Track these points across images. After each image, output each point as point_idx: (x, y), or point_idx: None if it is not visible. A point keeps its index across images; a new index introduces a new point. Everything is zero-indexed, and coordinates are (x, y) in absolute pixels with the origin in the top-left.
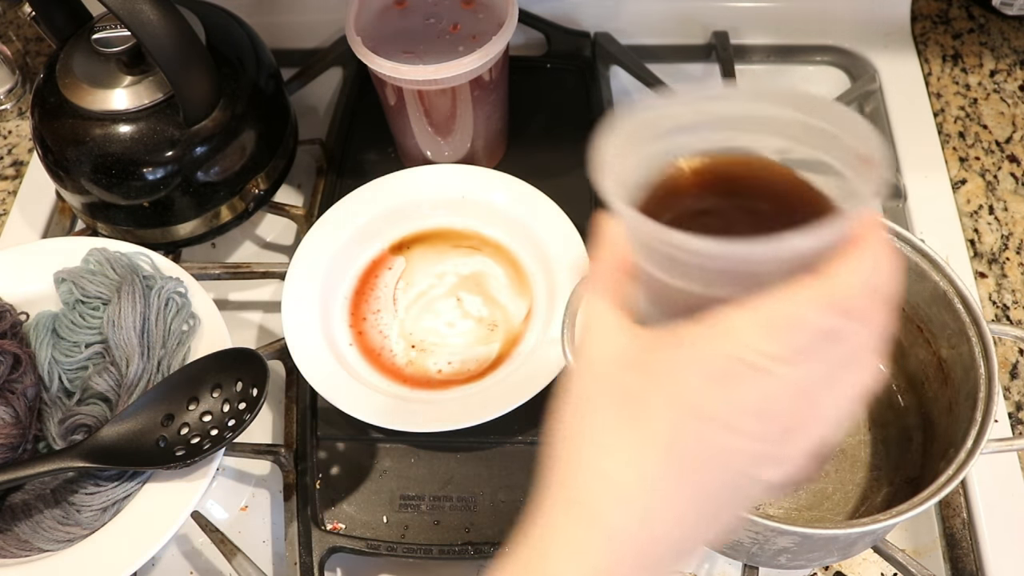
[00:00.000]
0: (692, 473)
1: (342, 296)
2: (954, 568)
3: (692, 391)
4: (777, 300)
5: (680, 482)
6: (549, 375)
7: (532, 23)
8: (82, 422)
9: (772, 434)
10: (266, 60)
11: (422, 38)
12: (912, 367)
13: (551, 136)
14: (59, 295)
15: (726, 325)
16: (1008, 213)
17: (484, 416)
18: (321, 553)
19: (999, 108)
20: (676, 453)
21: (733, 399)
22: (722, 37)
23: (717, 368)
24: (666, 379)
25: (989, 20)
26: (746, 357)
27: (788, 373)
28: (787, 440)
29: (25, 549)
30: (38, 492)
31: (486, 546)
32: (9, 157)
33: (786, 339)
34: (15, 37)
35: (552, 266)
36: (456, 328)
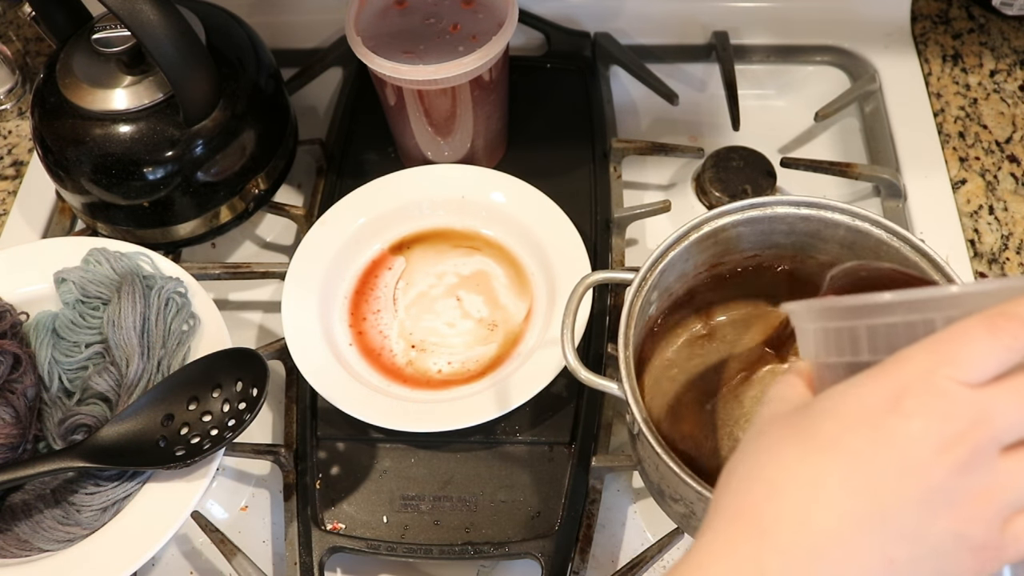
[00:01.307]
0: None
1: (342, 296)
2: None
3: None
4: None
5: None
6: (549, 375)
7: (532, 23)
8: (82, 422)
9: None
10: (266, 60)
11: (422, 38)
12: None
13: (551, 136)
14: (59, 295)
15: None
16: (1008, 213)
17: (484, 416)
18: (321, 553)
19: (999, 108)
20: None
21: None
22: (722, 37)
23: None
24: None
25: (989, 20)
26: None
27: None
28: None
29: (25, 549)
30: (38, 492)
31: (486, 546)
32: (9, 157)
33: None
34: (15, 37)
35: (552, 266)
36: (456, 328)
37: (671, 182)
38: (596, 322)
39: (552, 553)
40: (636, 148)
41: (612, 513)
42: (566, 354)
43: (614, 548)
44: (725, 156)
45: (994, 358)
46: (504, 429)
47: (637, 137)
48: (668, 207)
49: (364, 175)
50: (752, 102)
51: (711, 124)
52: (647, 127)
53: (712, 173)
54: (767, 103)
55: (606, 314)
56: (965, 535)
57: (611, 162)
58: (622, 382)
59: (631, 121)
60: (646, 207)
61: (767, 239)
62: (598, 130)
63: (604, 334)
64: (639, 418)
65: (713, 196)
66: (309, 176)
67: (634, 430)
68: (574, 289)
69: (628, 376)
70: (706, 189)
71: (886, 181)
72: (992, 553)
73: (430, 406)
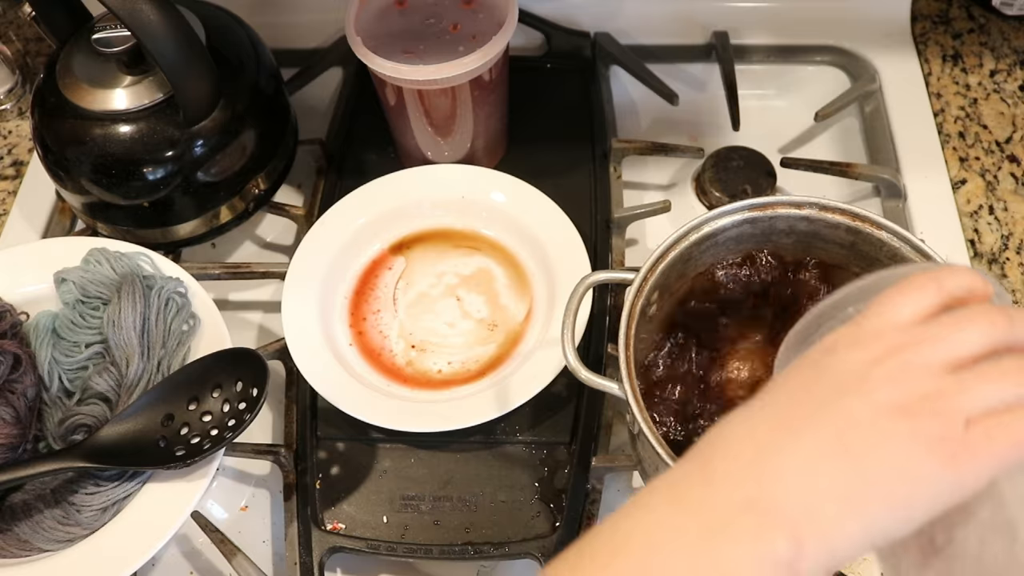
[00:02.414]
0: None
1: (342, 296)
2: None
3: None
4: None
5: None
6: (549, 375)
7: (532, 23)
8: (82, 422)
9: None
10: (266, 60)
11: (422, 38)
12: None
13: (551, 136)
14: (59, 295)
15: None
16: (1008, 213)
17: (484, 416)
18: (321, 553)
19: (999, 108)
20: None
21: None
22: (722, 37)
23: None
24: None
25: (989, 20)
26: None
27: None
28: (965, 431)
29: (25, 549)
30: (38, 492)
31: (486, 546)
32: (9, 157)
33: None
34: (15, 37)
35: (552, 266)
36: (456, 328)
37: (671, 182)
38: (596, 322)
39: (552, 553)
40: (636, 148)
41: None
42: (566, 354)
43: None
44: (725, 156)
45: (912, 304)
46: (504, 429)
47: (637, 137)
48: (668, 207)
49: (364, 175)
50: (752, 102)
51: (711, 124)
52: (647, 127)
53: (712, 173)
54: (767, 103)
55: (606, 314)
56: (917, 429)
57: (611, 162)
58: (622, 382)
59: (631, 121)
60: (646, 207)
61: (767, 239)
62: (598, 130)
63: (604, 334)
64: (639, 418)
65: (713, 196)
66: (309, 176)
67: (634, 430)
68: (574, 289)
69: (628, 376)
70: (706, 189)
71: (886, 181)
72: (954, 447)
73: (430, 406)
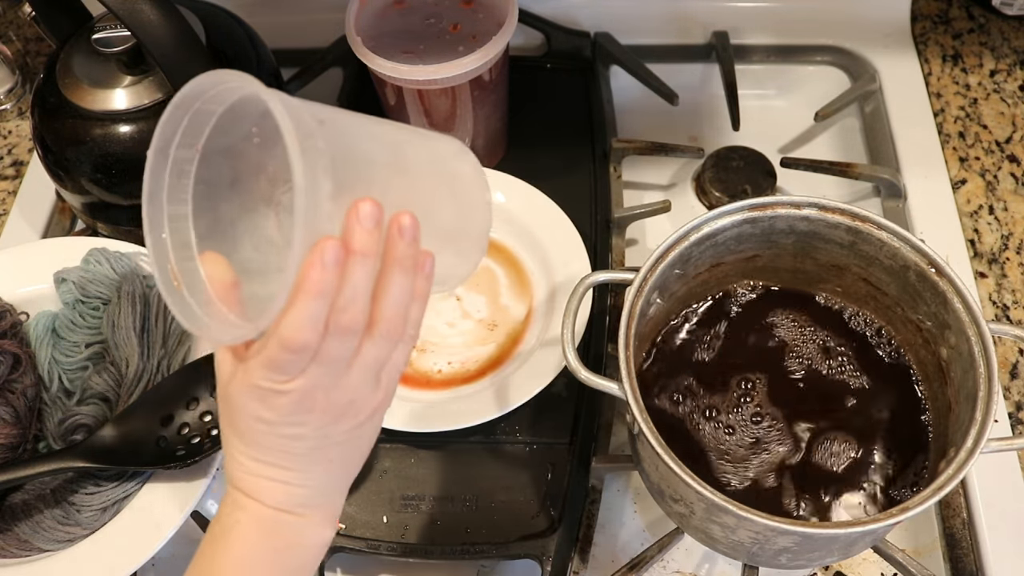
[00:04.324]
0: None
1: None
2: (954, 568)
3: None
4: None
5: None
6: (549, 375)
7: (532, 23)
8: (82, 422)
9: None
10: (266, 60)
11: (422, 38)
12: (911, 367)
13: (551, 136)
14: (59, 295)
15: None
16: (1008, 213)
17: (484, 416)
18: None
19: (999, 108)
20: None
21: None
22: (722, 37)
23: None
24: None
25: (989, 20)
26: (263, 384)
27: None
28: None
29: (25, 549)
30: (38, 492)
31: (486, 546)
32: (9, 157)
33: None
34: (15, 37)
35: (552, 266)
36: (456, 328)
37: (671, 182)
38: (596, 322)
39: (552, 553)
40: (636, 148)
41: (612, 513)
42: (566, 354)
43: (614, 548)
44: (725, 156)
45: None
46: (504, 429)
47: (637, 137)
48: (668, 207)
49: None
50: (752, 102)
51: (711, 124)
52: (647, 127)
53: (712, 173)
54: (767, 103)
55: (606, 314)
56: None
57: (611, 162)
58: (622, 382)
59: (631, 121)
60: (646, 207)
61: (767, 239)
62: (598, 130)
63: (604, 334)
64: (639, 418)
65: (713, 196)
66: None
67: (634, 430)
68: (574, 289)
69: (628, 376)
70: (706, 189)
71: (886, 181)
72: (360, 407)
73: (430, 406)
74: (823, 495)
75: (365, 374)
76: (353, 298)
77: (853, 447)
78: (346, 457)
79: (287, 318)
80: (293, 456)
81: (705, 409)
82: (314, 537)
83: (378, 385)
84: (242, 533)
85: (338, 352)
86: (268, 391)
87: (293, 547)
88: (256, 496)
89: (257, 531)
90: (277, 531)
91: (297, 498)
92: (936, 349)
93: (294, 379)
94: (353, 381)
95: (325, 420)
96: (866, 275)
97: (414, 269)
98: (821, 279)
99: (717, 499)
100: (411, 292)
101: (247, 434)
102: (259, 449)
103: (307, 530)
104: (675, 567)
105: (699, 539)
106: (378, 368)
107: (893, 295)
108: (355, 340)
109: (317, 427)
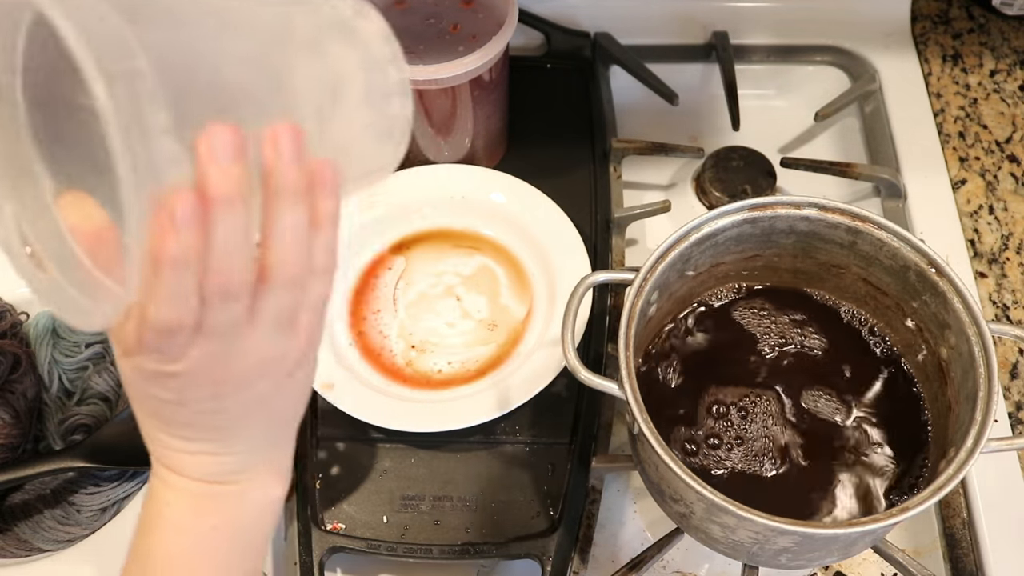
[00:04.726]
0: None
1: (342, 296)
2: (954, 568)
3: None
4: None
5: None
6: (549, 375)
7: (532, 23)
8: (82, 422)
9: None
10: None
11: (422, 38)
12: (911, 367)
13: (551, 136)
14: None
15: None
16: (1008, 213)
17: (484, 416)
18: (321, 553)
19: (999, 108)
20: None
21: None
22: (722, 37)
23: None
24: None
25: (989, 20)
26: (147, 367)
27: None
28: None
29: (25, 549)
30: (38, 492)
31: (486, 546)
32: None
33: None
34: None
35: (552, 266)
36: (456, 328)
37: (671, 182)
38: (596, 322)
39: (552, 553)
40: (636, 148)
41: (612, 513)
42: (566, 354)
43: (614, 548)
44: (725, 156)
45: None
46: (504, 429)
47: (637, 137)
48: (668, 207)
49: None
50: (752, 102)
51: (711, 124)
52: (647, 127)
53: (712, 173)
54: (767, 103)
55: (606, 314)
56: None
57: (611, 162)
58: (622, 382)
59: (631, 121)
60: (646, 207)
61: (767, 239)
62: (598, 130)
63: (604, 334)
64: (639, 418)
65: (713, 196)
66: None
67: (634, 430)
68: (574, 289)
69: (628, 376)
70: (706, 189)
71: (886, 181)
72: (282, 364)
73: (430, 406)
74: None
75: (271, 328)
76: (225, 254)
77: (853, 446)
78: (279, 412)
79: (148, 298)
80: (214, 428)
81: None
82: (260, 501)
83: (294, 332)
84: (174, 517)
85: (224, 318)
86: (156, 373)
87: (235, 519)
88: (183, 472)
89: (191, 511)
90: (213, 507)
91: (229, 466)
92: (936, 349)
93: (181, 358)
94: (258, 340)
95: (239, 387)
96: (866, 275)
97: (308, 191)
98: (821, 279)
99: (717, 499)
100: (309, 220)
101: (158, 413)
102: (174, 425)
103: (248, 496)
104: (675, 567)
105: (699, 539)
106: (288, 317)
107: (893, 295)
108: (243, 300)
109: (231, 397)
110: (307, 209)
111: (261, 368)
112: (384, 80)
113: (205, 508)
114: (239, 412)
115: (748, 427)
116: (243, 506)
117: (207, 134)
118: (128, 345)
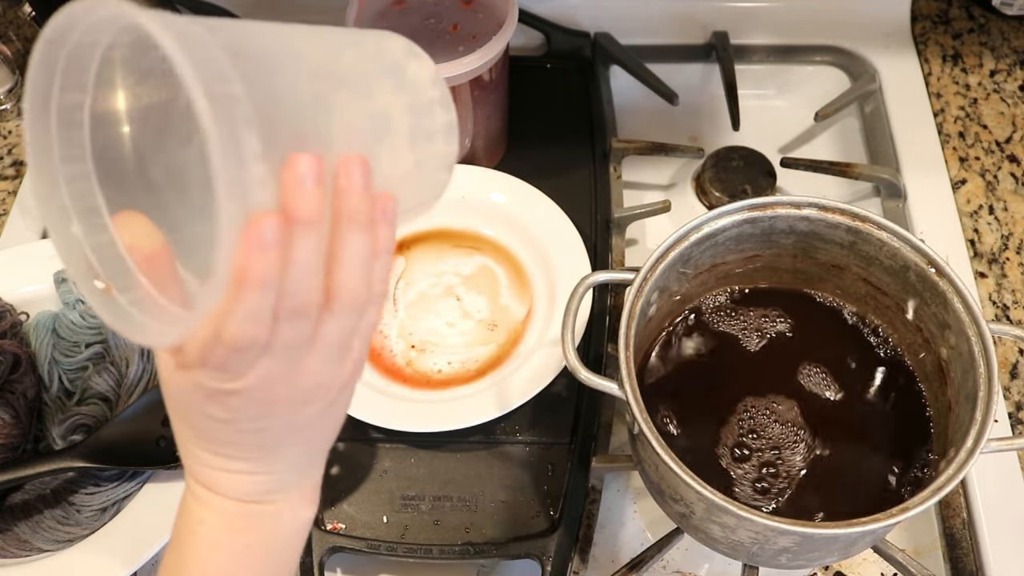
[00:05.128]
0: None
1: None
2: (954, 568)
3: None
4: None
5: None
6: (549, 375)
7: (532, 23)
8: (82, 422)
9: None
10: None
11: (422, 38)
12: (911, 367)
13: (551, 136)
14: (59, 295)
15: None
16: (1008, 213)
17: (484, 416)
18: (321, 553)
19: (999, 108)
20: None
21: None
22: (722, 37)
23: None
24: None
25: (989, 20)
26: (208, 384)
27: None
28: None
29: (25, 549)
30: (38, 492)
31: (486, 546)
32: (9, 157)
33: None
34: (15, 37)
35: (552, 266)
36: (456, 328)
37: (671, 182)
38: (596, 322)
39: (552, 553)
40: (636, 148)
41: (612, 513)
42: (566, 354)
43: (614, 548)
44: (725, 156)
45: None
46: (504, 429)
47: (637, 137)
48: (668, 207)
49: None
50: (752, 102)
51: (711, 124)
52: (647, 127)
53: (712, 173)
54: (767, 103)
55: (606, 314)
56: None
57: (611, 162)
58: (622, 382)
59: (631, 121)
60: (646, 207)
61: (767, 239)
62: (598, 130)
63: (604, 334)
64: (639, 418)
65: (713, 196)
66: None
67: (634, 430)
68: (574, 289)
69: (628, 376)
70: (706, 189)
71: (886, 181)
72: (325, 390)
73: (430, 406)
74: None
75: (329, 353)
76: (303, 277)
77: (852, 447)
78: (318, 436)
79: (226, 315)
80: (256, 447)
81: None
82: (292, 523)
83: (347, 357)
84: (208, 535)
85: (292, 339)
86: (216, 391)
87: (268, 539)
88: (219, 490)
89: (225, 530)
90: (247, 526)
91: (265, 486)
92: (936, 349)
93: (244, 376)
94: (316, 363)
95: (289, 409)
96: (866, 275)
97: (372, 222)
98: (821, 279)
99: (717, 499)
100: (372, 249)
101: (202, 430)
102: (217, 443)
103: (282, 517)
104: (675, 567)
105: (699, 539)
106: (344, 342)
107: (893, 295)
108: (311, 322)
109: (281, 417)
110: (370, 239)
111: (315, 391)
112: (431, 121)
113: (239, 527)
114: (283, 433)
115: (748, 427)
116: (277, 526)
117: (294, 161)
118: (190, 360)
